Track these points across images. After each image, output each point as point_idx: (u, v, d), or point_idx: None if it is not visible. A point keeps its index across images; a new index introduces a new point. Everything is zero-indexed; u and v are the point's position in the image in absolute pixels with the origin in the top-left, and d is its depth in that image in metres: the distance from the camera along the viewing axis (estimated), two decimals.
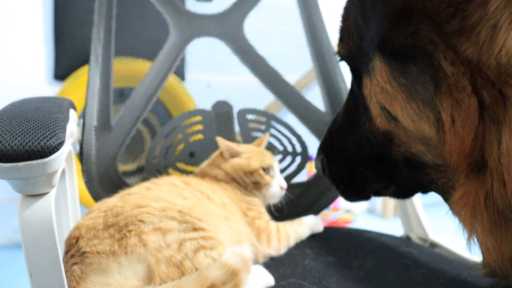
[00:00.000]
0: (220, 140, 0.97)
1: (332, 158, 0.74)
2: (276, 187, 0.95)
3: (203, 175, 0.97)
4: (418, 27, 0.49)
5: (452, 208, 0.58)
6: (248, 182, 0.94)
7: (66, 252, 0.67)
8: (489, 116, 0.47)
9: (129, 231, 0.64)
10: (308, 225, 0.96)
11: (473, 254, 0.59)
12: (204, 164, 1.01)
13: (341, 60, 0.67)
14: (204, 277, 0.60)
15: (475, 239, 0.56)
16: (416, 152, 0.57)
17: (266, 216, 0.92)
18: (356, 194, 0.74)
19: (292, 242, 0.91)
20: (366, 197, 0.74)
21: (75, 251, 0.65)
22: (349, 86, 1.16)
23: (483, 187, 0.50)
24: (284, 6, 1.26)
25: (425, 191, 0.68)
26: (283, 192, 0.96)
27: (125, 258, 0.62)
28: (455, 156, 0.51)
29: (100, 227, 0.66)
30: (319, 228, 0.99)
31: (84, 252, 0.63)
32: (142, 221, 0.66)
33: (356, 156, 0.67)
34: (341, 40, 0.65)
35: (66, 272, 0.61)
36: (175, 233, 0.65)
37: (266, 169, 0.95)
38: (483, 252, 0.57)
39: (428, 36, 0.49)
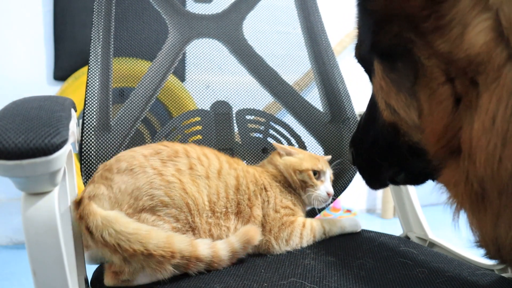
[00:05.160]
0: (276, 144, 1.04)
1: (358, 150, 0.82)
2: (323, 191, 0.97)
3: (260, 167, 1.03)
4: (400, 28, 0.56)
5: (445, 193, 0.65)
6: (295, 180, 0.97)
7: None
8: (464, 104, 0.53)
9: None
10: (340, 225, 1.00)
11: (457, 232, 0.64)
12: (265, 160, 1.06)
13: (358, 62, 0.74)
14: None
15: (468, 224, 0.61)
16: (418, 141, 0.63)
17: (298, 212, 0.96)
18: (376, 181, 0.82)
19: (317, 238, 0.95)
20: (384, 184, 0.83)
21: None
22: (349, 86, 1.19)
23: (462, 172, 0.55)
24: (282, 7, 1.27)
25: (434, 178, 0.71)
26: (329, 198, 0.98)
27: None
28: (432, 141, 0.58)
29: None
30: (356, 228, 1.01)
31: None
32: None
33: (373, 147, 0.75)
34: (356, 45, 0.72)
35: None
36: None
37: (317, 173, 0.98)
38: (473, 234, 0.62)
39: (408, 36, 0.56)
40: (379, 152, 0.74)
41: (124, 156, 0.83)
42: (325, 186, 0.98)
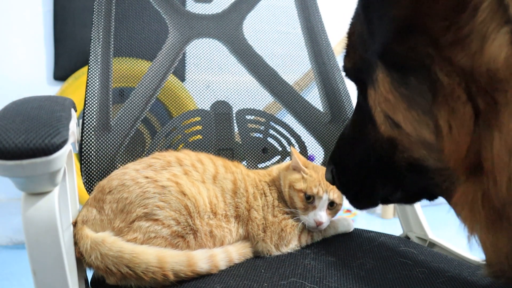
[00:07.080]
0: (295, 152, 0.96)
1: (341, 168, 0.76)
2: (310, 218, 0.90)
3: (268, 171, 1.00)
4: (417, 41, 0.53)
5: (454, 208, 0.60)
6: (286, 194, 0.93)
7: None
8: (484, 122, 0.50)
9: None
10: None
11: (474, 253, 0.61)
12: (279, 165, 1.02)
13: (346, 75, 0.69)
14: None
15: (476, 238, 0.58)
16: (419, 157, 0.59)
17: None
18: (364, 201, 0.76)
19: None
20: (374, 204, 0.76)
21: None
22: (349, 86, 1.18)
23: (480, 188, 0.53)
24: (282, 7, 1.27)
25: (431, 196, 0.69)
26: (318, 227, 0.91)
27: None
28: (453, 160, 0.54)
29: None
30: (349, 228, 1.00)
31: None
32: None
33: (363, 164, 0.70)
34: (347, 55, 0.68)
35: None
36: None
37: (311, 197, 0.91)
38: (483, 250, 0.58)
39: (425, 50, 0.52)
40: (371, 169, 0.69)
41: (116, 174, 0.83)
42: (314, 213, 0.90)
